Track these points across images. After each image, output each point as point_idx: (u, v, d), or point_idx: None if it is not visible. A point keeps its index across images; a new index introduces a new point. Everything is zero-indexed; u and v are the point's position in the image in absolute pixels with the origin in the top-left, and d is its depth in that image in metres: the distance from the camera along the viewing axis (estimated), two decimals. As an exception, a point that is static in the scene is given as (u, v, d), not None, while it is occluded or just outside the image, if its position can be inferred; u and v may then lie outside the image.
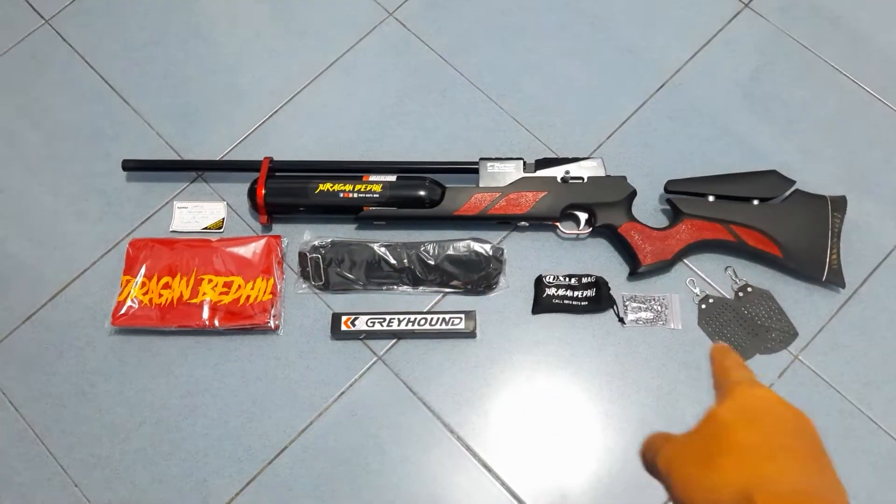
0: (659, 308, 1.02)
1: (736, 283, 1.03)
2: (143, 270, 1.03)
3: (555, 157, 1.09)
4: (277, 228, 1.08)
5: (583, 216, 1.04)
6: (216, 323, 1.00)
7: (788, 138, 1.12)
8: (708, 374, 0.98)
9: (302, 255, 1.04)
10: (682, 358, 1.00)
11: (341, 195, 1.03)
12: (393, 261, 1.03)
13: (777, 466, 0.38)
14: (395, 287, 1.03)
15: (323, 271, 1.03)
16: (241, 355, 1.02)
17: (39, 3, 1.24)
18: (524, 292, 1.03)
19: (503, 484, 0.95)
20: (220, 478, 0.96)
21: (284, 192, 1.04)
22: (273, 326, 1.01)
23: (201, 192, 1.11)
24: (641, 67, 1.16)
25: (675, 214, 1.03)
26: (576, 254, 1.05)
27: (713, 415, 0.43)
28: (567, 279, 1.02)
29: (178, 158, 1.13)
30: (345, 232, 1.07)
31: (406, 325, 1.00)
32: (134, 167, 1.09)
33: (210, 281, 1.03)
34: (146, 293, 1.02)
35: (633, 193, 1.03)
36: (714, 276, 1.04)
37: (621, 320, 1.01)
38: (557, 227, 1.05)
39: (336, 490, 0.95)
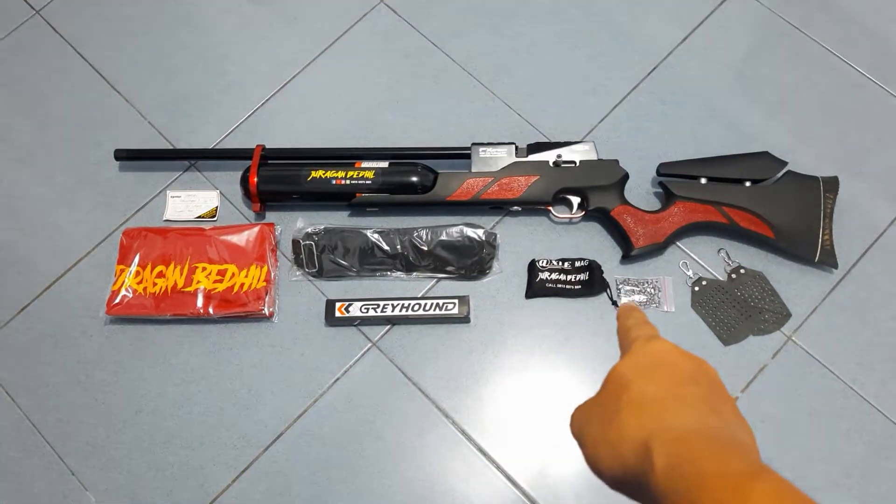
0: (652, 291, 1.02)
1: (729, 264, 1.03)
2: (136, 259, 1.04)
3: (547, 141, 1.09)
4: (270, 216, 1.08)
5: (575, 200, 1.04)
6: (210, 311, 1.00)
7: (780, 119, 1.12)
8: (701, 355, 0.98)
9: (295, 243, 1.04)
10: (675, 340, 0.97)
11: (334, 182, 1.03)
12: (386, 247, 1.03)
13: (673, 414, 0.39)
14: (389, 273, 1.04)
15: (316, 258, 1.03)
16: (236, 343, 1.02)
17: (29, -7, 1.24)
18: (517, 277, 1.03)
19: (498, 468, 0.95)
20: (217, 465, 0.97)
21: (277, 179, 1.04)
22: (267, 314, 1.01)
23: (194, 180, 1.11)
24: (633, 50, 1.16)
25: (667, 197, 1.04)
26: (569, 238, 1.05)
27: (612, 372, 0.43)
28: (560, 263, 1.02)
29: (171, 147, 1.13)
30: (338, 219, 1.07)
31: (400, 310, 1.00)
32: (126, 157, 1.09)
33: (204, 269, 1.03)
34: (140, 282, 1.02)
35: (626, 177, 1.03)
36: (707, 258, 1.04)
37: (615, 303, 1.02)
38: (550, 211, 1.05)
39: (332, 476, 0.96)
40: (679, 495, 0.34)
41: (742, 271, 1.02)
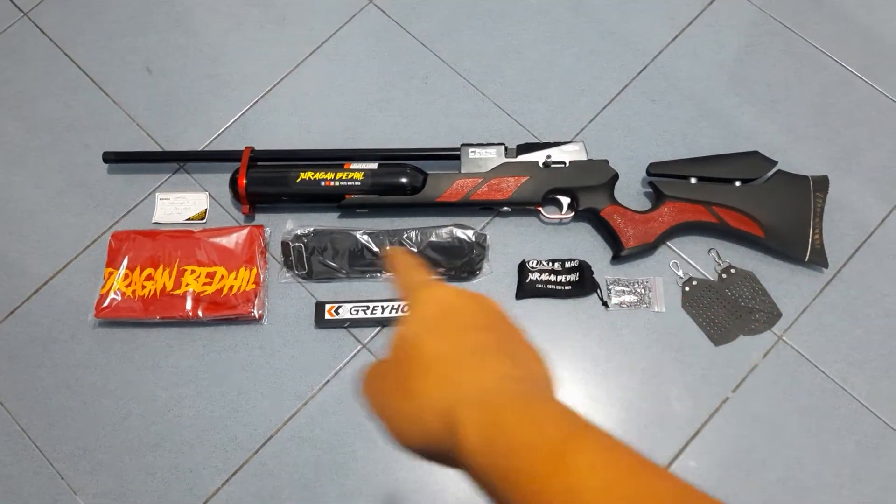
0: (642, 291, 1.02)
1: (719, 264, 1.03)
2: (125, 262, 1.03)
3: (536, 141, 1.09)
4: (260, 218, 1.08)
5: (565, 200, 1.04)
6: (200, 314, 1.00)
7: (772, 119, 1.11)
8: (692, 356, 0.98)
9: (285, 245, 1.04)
10: (665, 340, 1.00)
11: (323, 183, 1.02)
12: (376, 248, 1.03)
13: (472, 373, 0.36)
14: (379, 275, 1.03)
15: (306, 260, 1.03)
16: (226, 346, 1.01)
17: (17, -5, 1.24)
18: (508, 278, 1.03)
19: (489, 469, 0.95)
20: (207, 468, 0.96)
21: (266, 181, 1.03)
22: (257, 316, 1.01)
23: (183, 182, 1.11)
24: (623, 50, 1.16)
25: (657, 197, 1.03)
26: (559, 238, 1.05)
27: (400, 333, 0.40)
28: (550, 264, 1.02)
29: (160, 149, 1.12)
30: (327, 220, 1.07)
31: (390, 312, 1.00)
32: (115, 159, 1.09)
33: (193, 272, 1.02)
34: (129, 285, 1.02)
35: (616, 177, 1.03)
36: (697, 258, 1.04)
37: (605, 304, 1.01)
38: (540, 211, 1.05)
39: (323, 478, 0.95)
40: (496, 472, 0.32)
41: (732, 271, 1.02)
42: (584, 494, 0.29)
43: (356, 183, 1.02)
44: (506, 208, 1.04)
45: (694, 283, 1.02)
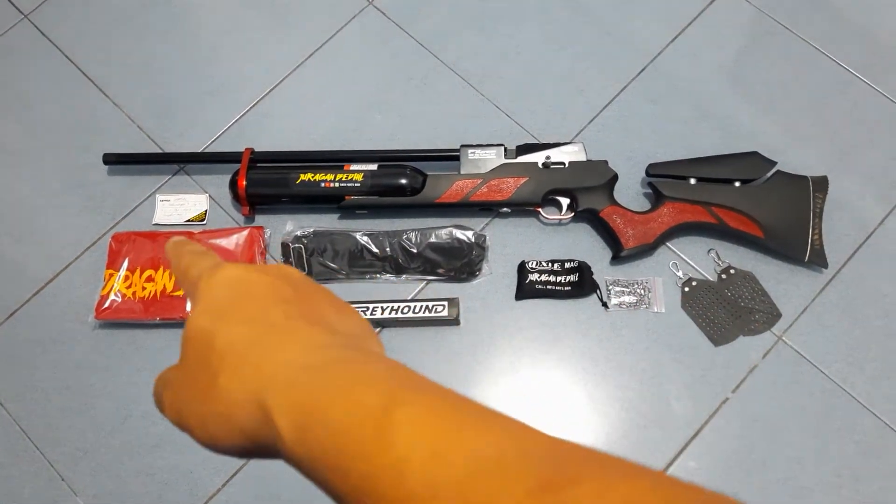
0: (642, 292, 1.02)
1: (719, 265, 1.03)
2: (125, 264, 1.03)
3: (536, 142, 1.09)
4: (260, 219, 1.08)
5: (564, 201, 1.04)
6: (199, 315, 1.00)
7: (771, 119, 1.11)
8: (692, 356, 0.98)
9: (285, 246, 1.04)
10: (665, 341, 1.00)
11: (323, 185, 1.02)
12: (375, 249, 1.03)
13: (275, 352, 0.32)
14: (378, 276, 1.03)
15: (306, 261, 1.03)
16: (226, 347, 1.01)
17: (18, -3, 1.24)
18: (507, 278, 1.03)
19: (488, 469, 0.95)
20: (207, 469, 0.97)
21: (266, 182, 1.04)
22: (257, 317, 1.01)
23: (183, 184, 1.11)
24: (622, 51, 1.16)
25: (656, 198, 1.03)
26: (558, 239, 1.05)
27: (187, 331, 0.35)
28: (550, 265, 1.02)
29: (160, 151, 1.13)
30: (327, 221, 1.07)
31: (389, 313, 1.00)
32: (115, 161, 1.09)
33: (193, 273, 1.02)
34: (129, 286, 1.02)
35: (615, 177, 1.03)
36: (697, 258, 1.04)
37: (605, 305, 1.01)
38: (539, 212, 1.05)
39: (322, 479, 0.95)
40: (319, 461, 0.29)
41: (732, 271, 1.02)
42: (410, 469, 0.26)
43: (356, 184, 1.02)
44: (505, 209, 1.04)
45: (693, 283, 1.02)
